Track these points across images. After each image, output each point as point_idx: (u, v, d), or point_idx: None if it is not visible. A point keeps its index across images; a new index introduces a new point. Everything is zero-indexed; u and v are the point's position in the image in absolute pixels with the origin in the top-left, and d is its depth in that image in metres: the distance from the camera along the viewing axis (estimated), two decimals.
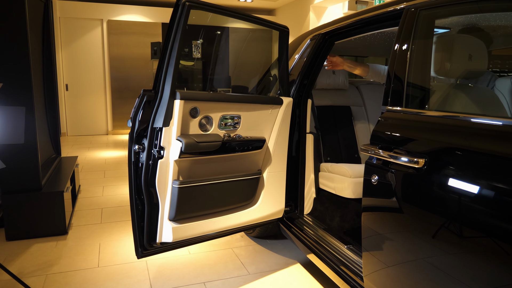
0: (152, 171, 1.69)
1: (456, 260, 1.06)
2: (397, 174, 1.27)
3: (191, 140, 1.68)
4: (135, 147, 1.68)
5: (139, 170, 1.70)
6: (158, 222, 1.74)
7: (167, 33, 1.65)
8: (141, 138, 1.69)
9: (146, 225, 1.73)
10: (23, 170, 2.61)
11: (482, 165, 1.01)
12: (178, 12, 1.64)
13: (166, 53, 1.64)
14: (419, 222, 1.18)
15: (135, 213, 1.71)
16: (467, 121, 1.13)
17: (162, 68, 1.65)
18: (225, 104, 1.84)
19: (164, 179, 1.71)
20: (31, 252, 2.48)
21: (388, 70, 1.47)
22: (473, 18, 1.54)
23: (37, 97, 2.99)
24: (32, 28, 2.83)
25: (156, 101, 1.66)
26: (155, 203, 1.74)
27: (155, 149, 1.68)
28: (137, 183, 1.70)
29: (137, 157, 1.69)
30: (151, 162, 1.69)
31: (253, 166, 2.04)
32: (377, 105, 2.80)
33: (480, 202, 1.00)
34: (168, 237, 1.75)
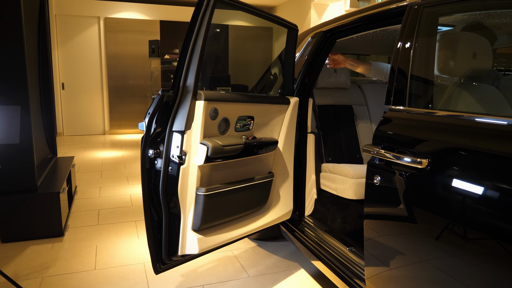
0: (172, 178, 1.59)
1: (461, 262, 1.06)
2: (400, 175, 1.27)
3: (217, 144, 1.59)
4: (150, 152, 1.56)
5: (153, 178, 1.59)
6: (179, 233, 1.63)
7: (189, 29, 1.56)
8: (155, 142, 1.58)
9: (165, 237, 1.62)
10: (18, 171, 2.61)
11: (487, 165, 1.01)
12: (202, 6, 1.55)
13: (187, 51, 1.55)
14: (422, 224, 1.18)
15: (150, 224, 1.59)
16: (471, 121, 1.13)
17: (182, 67, 1.56)
18: (241, 104, 1.77)
19: (187, 187, 1.61)
20: (27, 254, 2.48)
21: (390, 68, 1.47)
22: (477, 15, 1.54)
23: (33, 96, 2.99)
24: (27, 26, 2.83)
25: (175, 102, 1.57)
26: (173, 213, 1.64)
27: (175, 155, 1.57)
28: (152, 192, 1.60)
29: (151, 163, 1.59)
30: (170, 168, 1.59)
31: (265, 168, 2.03)
32: (380, 104, 2.80)
33: (485, 203, 1.00)
34: (193, 248, 1.64)
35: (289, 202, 2.17)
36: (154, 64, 6.60)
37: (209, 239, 1.69)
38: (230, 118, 1.75)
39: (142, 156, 1.56)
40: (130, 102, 8.13)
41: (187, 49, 1.56)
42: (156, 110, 1.54)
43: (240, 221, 1.88)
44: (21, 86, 2.55)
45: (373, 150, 1.38)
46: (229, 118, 1.74)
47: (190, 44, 1.55)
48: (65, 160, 3.70)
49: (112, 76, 7.94)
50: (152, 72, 6.43)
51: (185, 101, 1.56)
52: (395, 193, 1.29)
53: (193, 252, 1.65)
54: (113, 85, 7.97)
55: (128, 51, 7.97)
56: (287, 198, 2.16)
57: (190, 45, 1.55)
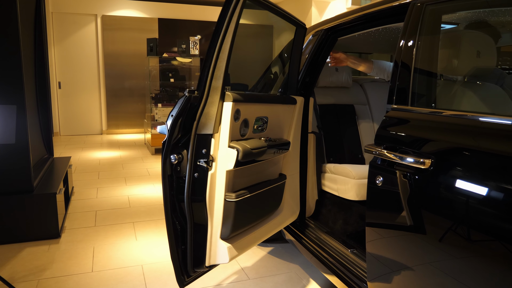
0: (199, 185, 1.53)
1: (465, 265, 1.06)
2: (402, 175, 1.27)
3: (246, 147, 1.55)
4: (172, 157, 1.49)
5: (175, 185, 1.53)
6: (206, 243, 1.58)
7: (216, 28, 1.51)
8: (176, 147, 1.51)
9: (190, 247, 1.56)
10: (14, 171, 2.61)
11: (491, 166, 1.01)
12: (231, 5, 1.51)
13: (214, 50, 1.51)
14: (425, 225, 1.18)
15: (173, 235, 1.54)
16: (475, 120, 1.13)
17: (209, 67, 1.51)
18: (259, 105, 1.74)
19: (215, 193, 1.56)
20: (23, 256, 2.48)
21: (393, 67, 1.47)
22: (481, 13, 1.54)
23: (29, 95, 2.98)
24: (23, 24, 2.82)
25: (201, 103, 1.51)
26: (198, 222, 1.58)
27: (202, 160, 1.52)
28: (174, 200, 1.54)
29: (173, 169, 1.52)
30: (196, 174, 1.52)
31: (276, 170, 2.02)
32: (382, 103, 2.80)
33: (489, 204, 1.00)
34: (224, 258, 1.59)
35: (297, 203, 2.18)
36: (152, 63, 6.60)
37: (236, 246, 1.65)
38: (250, 119, 1.72)
39: (164, 162, 1.49)
40: (128, 102, 8.13)
41: (214, 49, 1.51)
42: (182, 113, 1.47)
43: (260, 226, 1.87)
44: (17, 85, 2.55)
45: (375, 150, 1.38)
46: (248, 119, 1.71)
47: (217, 43, 1.50)
48: (62, 160, 3.70)
49: (110, 75, 7.94)
50: (150, 70, 6.43)
51: (212, 103, 1.50)
52: (397, 194, 1.29)
53: (223, 261, 1.59)
54: (111, 84, 7.97)
55: (126, 50, 7.97)
56: (296, 199, 2.17)
57: (218, 44, 1.50)
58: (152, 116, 6.20)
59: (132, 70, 8.05)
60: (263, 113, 1.79)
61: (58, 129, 7.77)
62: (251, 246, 1.76)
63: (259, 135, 1.81)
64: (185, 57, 6.27)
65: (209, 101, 1.51)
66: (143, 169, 4.92)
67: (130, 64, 8.03)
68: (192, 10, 8.38)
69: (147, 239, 2.77)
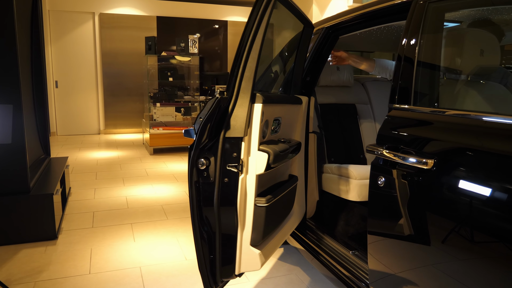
0: (228, 190, 1.50)
1: (468, 267, 1.06)
2: (405, 176, 1.27)
3: (276, 150, 1.52)
4: (200, 162, 1.45)
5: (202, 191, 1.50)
6: (236, 250, 1.56)
7: (246, 26, 1.49)
8: (203, 151, 1.48)
9: (219, 256, 1.53)
10: (10, 172, 2.61)
11: (494, 166, 1.01)
12: (262, 4, 1.49)
13: (245, 49, 1.48)
14: (428, 227, 1.18)
15: (201, 244, 1.50)
16: (478, 120, 1.13)
17: (239, 67, 1.48)
18: (276, 105, 1.73)
19: (246, 198, 1.53)
20: (19, 258, 2.48)
21: (395, 65, 1.47)
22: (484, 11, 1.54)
23: (25, 94, 2.98)
24: (19, 22, 2.82)
25: (229, 105, 1.48)
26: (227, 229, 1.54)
27: (232, 164, 1.48)
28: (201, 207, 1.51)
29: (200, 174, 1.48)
30: (226, 180, 1.49)
31: (287, 172, 2.03)
32: (384, 102, 2.80)
33: (493, 205, 1.00)
34: (255, 265, 1.57)
35: (303, 203, 2.20)
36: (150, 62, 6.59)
37: (265, 252, 1.63)
38: (269, 121, 1.71)
39: (191, 168, 1.45)
40: (126, 101, 8.13)
41: (244, 48, 1.48)
42: (212, 116, 1.43)
43: (280, 229, 1.87)
44: (13, 84, 2.55)
45: (377, 151, 1.38)
46: (268, 120, 1.70)
47: (247, 43, 1.48)
48: (59, 160, 3.70)
49: (107, 74, 7.94)
50: (148, 69, 6.43)
51: (242, 105, 1.47)
52: (400, 195, 1.29)
53: (254, 268, 1.57)
54: (108, 83, 7.97)
55: (124, 48, 7.97)
56: (302, 199, 2.19)
57: (248, 44, 1.48)
58: (150, 115, 6.20)
59: (130, 69, 8.05)
60: (278, 114, 1.78)
61: (55, 128, 7.77)
62: (274, 250, 1.75)
63: (276, 136, 1.80)
64: (184, 56, 6.27)
65: (238, 103, 1.48)
66: (141, 170, 4.92)
67: (128, 63, 8.03)
68: (191, 8, 8.38)
69: (145, 241, 2.77)
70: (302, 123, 2.06)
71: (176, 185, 4.22)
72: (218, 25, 8.65)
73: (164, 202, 3.65)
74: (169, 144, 5.98)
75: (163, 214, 3.32)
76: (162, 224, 3.09)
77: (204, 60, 8.53)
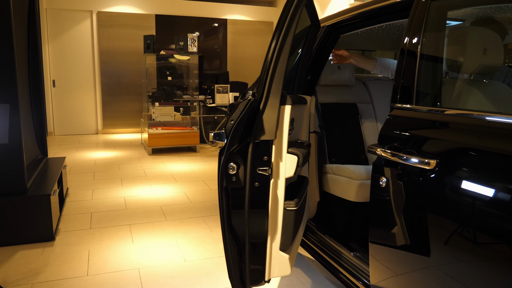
0: (259, 195, 1.49)
1: (471, 268, 1.06)
2: (406, 176, 1.27)
3: (304, 152, 1.52)
4: (230, 166, 1.43)
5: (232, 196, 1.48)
6: (266, 256, 1.54)
7: (277, 27, 1.47)
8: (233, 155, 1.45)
9: (249, 263, 1.52)
10: (7, 172, 2.61)
11: (498, 166, 1.01)
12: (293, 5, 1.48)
13: (275, 50, 1.46)
14: (430, 228, 1.18)
15: (230, 252, 1.49)
16: (481, 120, 1.13)
17: (269, 67, 1.46)
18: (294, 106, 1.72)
19: (276, 202, 1.52)
20: (16, 259, 2.48)
21: (397, 64, 1.47)
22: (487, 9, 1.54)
23: (22, 93, 2.98)
24: (16, 20, 2.82)
25: (260, 107, 1.46)
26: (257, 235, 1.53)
27: (262, 168, 1.47)
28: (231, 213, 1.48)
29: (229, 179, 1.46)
30: (256, 184, 1.47)
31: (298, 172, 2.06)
32: (386, 102, 2.80)
33: (496, 206, 1.00)
34: (285, 269, 1.56)
35: (309, 204, 2.22)
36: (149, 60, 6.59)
37: (292, 255, 1.63)
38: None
39: (221, 173, 1.43)
40: (124, 100, 8.13)
41: (274, 49, 1.47)
42: (244, 118, 1.42)
43: (301, 231, 1.88)
44: (10, 83, 2.55)
45: (379, 151, 1.38)
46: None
47: (277, 43, 1.46)
48: (56, 161, 3.70)
49: (105, 73, 7.94)
50: (147, 68, 6.43)
51: (272, 106, 1.46)
52: (401, 196, 1.29)
53: (285, 274, 1.57)
54: (106, 82, 7.97)
55: (122, 47, 7.97)
56: (309, 200, 2.20)
57: (278, 45, 1.46)
58: (149, 115, 6.20)
59: (129, 68, 8.06)
60: (293, 114, 1.80)
61: (53, 128, 7.77)
62: (296, 253, 1.76)
63: (291, 137, 1.81)
64: (183, 55, 6.27)
65: (269, 105, 1.46)
66: (139, 170, 4.93)
67: (127, 61, 8.03)
68: (190, 6, 8.38)
69: (144, 242, 2.77)
70: (307, 123, 2.07)
71: (175, 186, 4.22)
72: (218, 24, 8.65)
73: (162, 203, 3.65)
74: (168, 144, 5.99)
75: (162, 215, 3.32)
76: (161, 225, 3.09)
77: (203, 59, 8.54)
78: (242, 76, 8.72)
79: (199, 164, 5.30)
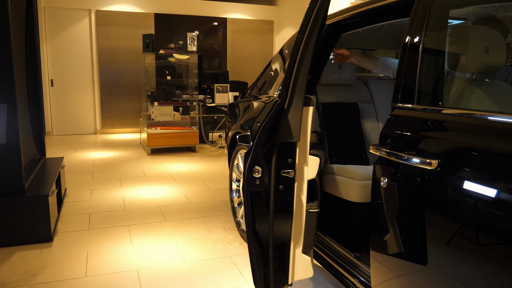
0: (284, 197, 1.49)
1: (473, 270, 1.06)
2: (408, 177, 1.27)
3: (324, 153, 1.53)
4: (255, 170, 1.42)
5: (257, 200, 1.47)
6: (289, 259, 1.55)
7: (301, 28, 1.47)
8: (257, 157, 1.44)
9: (273, 267, 1.52)
10: (5, 172, 2.61)
11: (500, 167, 1.01)
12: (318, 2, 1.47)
13: (298, 51, 1.46)
14: (432, 229, 1.18)
15: (255, 256, 1.48)
16: (484, 119, 1.13)
17: (292, 69, 1.46)
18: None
19: (300, 205, 1.53)
20: (13, 260, 2.48)
21: (398, 64, 1.47)
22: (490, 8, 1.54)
23: (20, 93, 2.98)
24: (14, 19, 2.82)
25: (284, 109, 1.46)
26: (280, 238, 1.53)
27: (286, 170, 1.47)
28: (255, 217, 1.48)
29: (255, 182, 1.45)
30: (281, 187, 1.47)
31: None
32: (387, 102, 2.80)
33: (498, 207, 1.00)
34: (308, 272, 1.58)
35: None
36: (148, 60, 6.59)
37: (312, 258, 1.65)
38: None
39: (248, 176, 1.42)
40: (123, 100, 8.13)
41: (298, 50, 1.47)
42: (271, 120, 1.41)
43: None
44: (8, 83, 2.55)
45: (380, 151, 1.38)
46: None
47: (301, 44, 1.46)
48: (54, 161, 3.70)
49: (104, 72, 7.94)
50: (146, 68, 6.43)
51: (296, 108, 1.46)
52: (403, 196, 1.29)
53: (308, 276, 1.58)
54: (105, 81, 7.97)
55: (121, 46, 7.97)
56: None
57: (302, 46, 1.46)
58: (148, 115, 6.20)
59: (127, 67, 8.06)
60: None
61: (51, 128, 7.77)
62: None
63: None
64: (182, 54, 6.27)
65: (293, 107, 1.47)
66: (138, 170, 4.93)
67: (125, 61, 8.03)
68: (190, 5, 8.38)
69: (142, 243, 2.77)
70: (312, 123, 2.08)
71: (174, 186, 4.22)
72: (218, 23, 8.65)
73: (162, 203, 3.65)
74: (167, 144, 5.99)
75: (161, 215, 3.32)
76: (160, 226, 3.09)
77: (203, 58, 8.54)
78: (242, 76, 8.72)
79: (199, 164, 5.30)
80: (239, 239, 2.83)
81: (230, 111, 3.18)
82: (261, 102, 2.60)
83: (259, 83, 2.89)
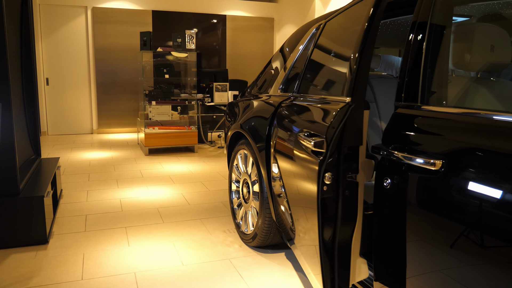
0: (350, 202, 1.53)
1: (478, 272, 1.06)
2: (411, 177, 1.27)
3: (375, 156, 1.54)
4: (326, 176, 1.45)
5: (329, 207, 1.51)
6: (350, 261, 1.59)
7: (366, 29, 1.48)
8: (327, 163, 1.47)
9: (338, 271, 1.56)
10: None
11: (506, 167, 1.01)
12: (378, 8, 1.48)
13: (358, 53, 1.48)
14: (436, 231, 1.18)
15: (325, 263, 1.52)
16: (489, 119, 1.13)
17: (356, 70, 1.48)
18: None
19: (360, 208, 1.56)
20: (8, 263, 2.48)
21: (401, 62, 1.46)
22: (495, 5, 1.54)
23: (15, 92, 2.98)
24: (8, 16, 2.82)
25: (348, 112, 1.48)
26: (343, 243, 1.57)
27: (352, 174, 1.49)
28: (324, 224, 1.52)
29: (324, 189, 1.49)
30: (346, 191, 1.51)
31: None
32: (390, 100, 2.80)
33: (504, 208, 0.99)
34: (365, 273, 1.61)
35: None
36: (146, 58, 6.59)
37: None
38: None
39: (321, 182, 1.45)
40: (120, 99, 8.13)
41: (358, 52, 1.49)
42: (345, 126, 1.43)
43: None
44: (2, 82, 2.55)
45: (383, 151, 1.38)
46: None
47: (360, 46, 1.49)
48: (50, 161, 3.70)
49: (101, 71, 7.94)
50: (143, 66, 6.43)
51: (359, 111, 1.49)
52: (406, 197, 1.29)
53: (363, 277, 1.63)
54: (102, 80, 7.97)
55: (118, 44, 7.97)
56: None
57: (359, 47, 1.49)
58: (145, 114, 6.20)
59: (125, 65, 8.06)
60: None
61: (46, 128, 7.77)
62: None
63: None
64: (180, 52, 6.27)
65: (355, 110, 1.50)
66: (136, 171, 4.93)
67: (122, 59, 8.03)
68: (188, 2, 8.38)
69: (140, 245, 2.77)
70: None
71: (172, 187, 4.22)
72: (217, 20, 8.65)
73: (159, 204, 3.65)
74: (165, 144, 5.99)
75: (159, 217, 3.32)
76: (158, 227, 3.09)
77: (201, 56, 8.54)
78: (241, 74, 8.72)
79: (197, 165, 5.30)
80: (239, 241, 2.83)
81: (229, 111, 3.18)
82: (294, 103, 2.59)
83: (259, 81, 2.89)
